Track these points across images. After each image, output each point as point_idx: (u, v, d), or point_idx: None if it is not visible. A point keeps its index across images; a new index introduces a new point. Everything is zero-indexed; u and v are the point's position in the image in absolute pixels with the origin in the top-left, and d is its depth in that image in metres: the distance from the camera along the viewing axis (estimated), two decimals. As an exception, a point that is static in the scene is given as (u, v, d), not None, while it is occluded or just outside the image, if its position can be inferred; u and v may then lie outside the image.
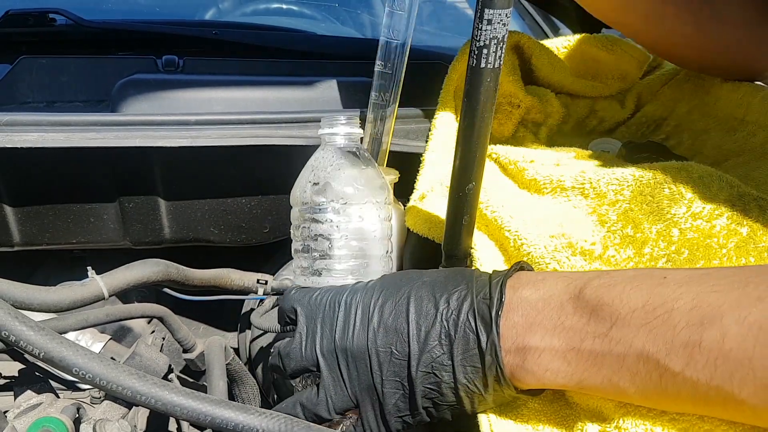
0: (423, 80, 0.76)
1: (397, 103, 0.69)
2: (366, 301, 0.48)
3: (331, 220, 0.57)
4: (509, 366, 0.43)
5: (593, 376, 0.40)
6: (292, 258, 0.84)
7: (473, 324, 0.43)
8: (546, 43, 0.88)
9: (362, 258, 0.59)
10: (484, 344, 0.43)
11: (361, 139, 0.65)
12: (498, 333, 0.42)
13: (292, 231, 0.63)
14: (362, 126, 0.65)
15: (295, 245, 0.62)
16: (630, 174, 0.56)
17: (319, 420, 0.49)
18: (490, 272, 0.47)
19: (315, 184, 0.58)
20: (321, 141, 0.62)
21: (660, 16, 0.72)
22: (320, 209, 0.58)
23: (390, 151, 0.73)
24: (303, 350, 0.50)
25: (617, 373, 0.38)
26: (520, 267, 0.47)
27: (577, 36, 0.89)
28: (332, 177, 0.58)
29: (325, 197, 0.57)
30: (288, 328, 0.53)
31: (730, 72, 0.76)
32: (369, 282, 0.51)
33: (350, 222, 0.58)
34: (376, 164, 0.61)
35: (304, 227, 0.60)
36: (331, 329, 0.49)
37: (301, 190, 0.59)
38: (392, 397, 0.46)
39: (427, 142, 0.72)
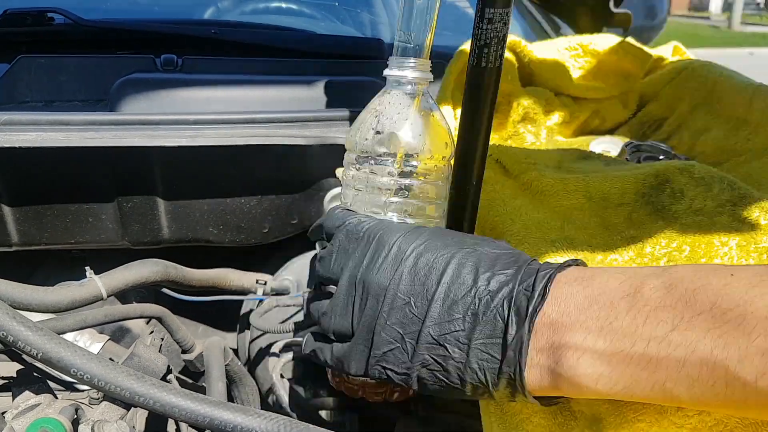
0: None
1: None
2: (405, 244, 0.44)
3: (391, 173, 0.52)
4: (539, 367, 0.38)
5: (642, 382, 0.36)
6: (291, 258, 0.84)
7: (505, 312, 0.39)
8: (547, 43, 0.88)
9: (418, 217, 0.54)
10: (510, 337, 0.39)
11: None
12: (530, 330, 0.38)
13: (341, 174, 0.57)
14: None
15: (346, 191, 0.56)
16: (632, 176, 0.56)
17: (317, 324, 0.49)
18: (542, 262, 0.43)
19: (378, 132, 0.52)
20: (387, 83, 0.54)
21: None
22: (381, 161, 0.52)
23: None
24: (333, 263, 0.47)
25: (672, 379, 0.35)
26: (575, 262, 0.42)
27: (579, 36, 0.89)
28: (398, 127, 0.52)
29: (387, 148, 0.52)
30: (323, 244, 0.51)
31: None
32: (418, 227, 0.47)
33: (410, 178, 0.53)
34: (443, 115, 0.55)
35: (359, 177, 0.54)
36: (361, 257, 0.45)
37: (361, 137, 0.53)
38: (386, 345, 0.43)
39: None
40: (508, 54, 0.78)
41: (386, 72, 0.53)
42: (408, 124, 0.52)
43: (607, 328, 0.37)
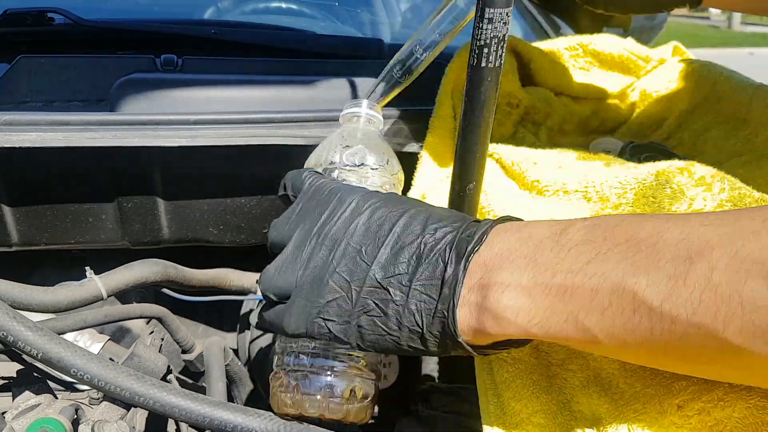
0: (422, 80, 0.76)
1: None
2: (363, 201, 0.47)
3: (354, 182, 0.57)
4: (469, 305, 0.40)
5: (556, 314, 0.37)
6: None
7: (446, 254, 0.41)
8: (547, 43, 0.88)
9: None
10: (447, 275, 0.40)
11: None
12: (465, 268, 0.40)
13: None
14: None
15: None
16: (632, 176, 0.56)
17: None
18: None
19: (347, 146, 0.58)
20: (342, 121, 0.63)
21: None
22: (348, 169, 0.57)
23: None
24: (287, 225, 0.49)
25: (585, 308, 0.35)
26: (514, 218, 0.45)
27: (579, 36, 0.89)
28: (365, 144, 0.58)
29: (356, 160, 0.57)
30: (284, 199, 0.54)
31: None
32: (378, 191, 0.50)
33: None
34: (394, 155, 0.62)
35: None
36: (320, 213, 0.47)
37: (330, 151, 0.59)
38: (331, 294, 0.44)
39: (424, 140, 0.72)
40: (508, 54, 0.78)
41: (343, 112, 0.62)
42: (373, 143, 0.59)
43: (531, 264, 0.38)
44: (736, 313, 0.31)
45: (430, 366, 0.83)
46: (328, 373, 0.50)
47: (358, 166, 0.57)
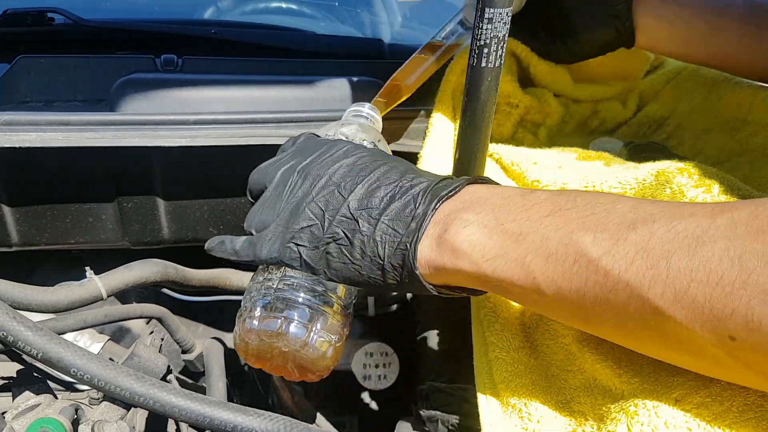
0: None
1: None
2: (353, 149, 0.49)
3: None
4: (430, 237, 0.42)
5: (508, 254, 0.40)
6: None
7: (420, 196, 0.43)
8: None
9: None
10: (417, 213, 0.43)
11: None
12: (435, 207, 0.43)
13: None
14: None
15: None
16: (632, 177, 0.56)
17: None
18: None
19: (342, 126, 0.60)
20: (345, 118, 0.63)
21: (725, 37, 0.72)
22: None
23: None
24: (270, 165, 0.52)
25: (533, 252, 0.39)
26: (491, 180, 0.47)
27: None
28: (362, 128, 0.59)
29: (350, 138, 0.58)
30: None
31: None
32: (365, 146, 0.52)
33: None
34: None
35: None
36: (307, 155, 0.50)
37: (328, 132, 0.60)
38: (306, 221, 0.46)
39: (424, 140, 0.72)
40: (507, 56, 0.78)
41: (357, 108, 0.63)
42: (368, 130, 0.59)
43: (497, 209, 0.42)
44: (661, 277, 0.34)
45: (431, 366, 0.83)
46: (295, 302, 0.50)
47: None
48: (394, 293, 0.84)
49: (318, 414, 0.77)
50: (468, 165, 0.53)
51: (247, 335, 0.51)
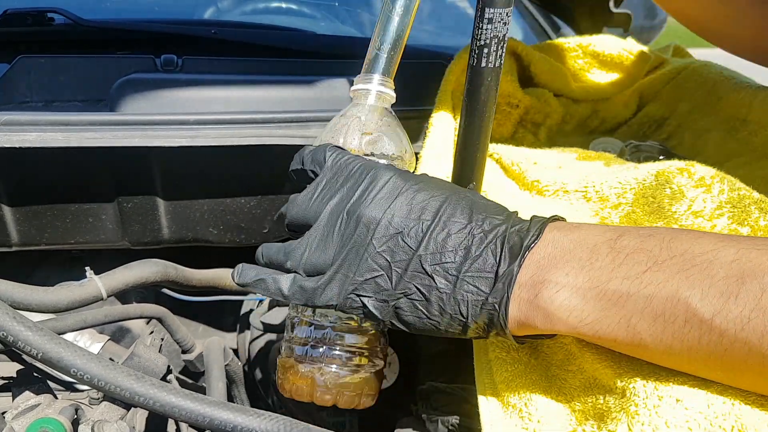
0: (422, 80, 0.76)
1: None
2: (400, 182, 0.45)
3: None
4: (519, 300, 0.40)
5: (609, 317, 0.38)
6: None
7: (497, 248, 0.41)
8: (547, 44, 0.88)
9: None
10: (502, 270, 0.41)
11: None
12: (520, 265, 0.40)
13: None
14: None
15: None
16: (632, 177, 0.56)
17: (277, 267, 0.47)
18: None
19: (366, 134, 0.55)
20: (354, 97, 0.58)
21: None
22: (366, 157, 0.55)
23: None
24: (312, 201, 0.47)
25: (638, 314, 0.37)
26: (561, 218, 0.45)
27: (578, 37, 0.89)
28: (384, 132, 0.55)
29: (375, 149, 0.54)
30: (304, 180, 0.50)
31: None
32: (410, 172, 0.49)
33: None
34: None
35: None
36: (351, 191, 0.46)
37: (348, 138, 0.55)
38: (369, 273, 0.44)
39: (424, 140, 0.72)
40: (507, 56, 0.78)
41: (355, 87, 0.56)
42: (392, 131, 0.55)
43: (587, 267, 0.39)
44: None
45: (431, 366, 0.83)
46: (338, 342, 0.50)
47: (377, 155, 0.54)
48: None
49: (318, 414, 0.77)
50: (468, 165, 0.53)
51: (291, 390, 0.51)
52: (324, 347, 0.51)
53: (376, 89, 0.55)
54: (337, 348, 0.51)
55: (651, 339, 0.37)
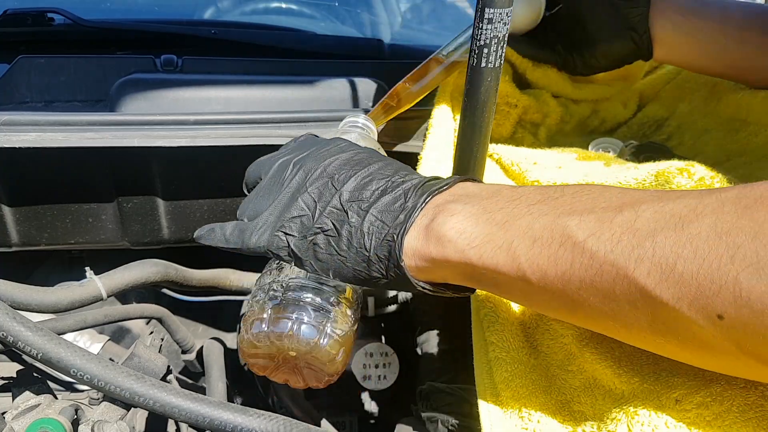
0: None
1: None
2: (350, 146, 0.50)
3: None
4: (417, 227, 0.42)
5: (494, 241, 0.39)
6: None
7: (410, 192, 0.44)
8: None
9: None
10: (407, 206, 0.43)
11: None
12: (425, 201, 0.43)
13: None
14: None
15: None
16: (632, 177, 0.56)
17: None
18: None
19: None
20: (342, 128, 0.64)
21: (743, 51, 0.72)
22: None
23: (387, 152, 0.73)
24: (266, 159, 0.53)
25: (519, 237, 0.39)
26: (481, 181, 0.48)
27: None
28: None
29: None
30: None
31: None
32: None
33: None
34: None
35: None
36: (303, 149, 0.51)
37: None
38: (298, 211, 0.46)
39: (424, 141, 0.72)
40: (504, 62, 0.78)
41: (346, 120, 0.64)
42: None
43: (485, 201, 0.42)
44: (647, 255, 0.34)
45: (431, 366, 0.83)
46: (304, 303, 0.50)
47: None
48: (391, 292, 0.84)
49: (318, 414, 0.77)
50: (468, 165, 0.53)
51: (255, 338, 0.50)
52: (287, 304, 0.50)
53: (359, 122, 0.62)
54: (301, 305, 0.50)
55: (528, 264, 0.38)
